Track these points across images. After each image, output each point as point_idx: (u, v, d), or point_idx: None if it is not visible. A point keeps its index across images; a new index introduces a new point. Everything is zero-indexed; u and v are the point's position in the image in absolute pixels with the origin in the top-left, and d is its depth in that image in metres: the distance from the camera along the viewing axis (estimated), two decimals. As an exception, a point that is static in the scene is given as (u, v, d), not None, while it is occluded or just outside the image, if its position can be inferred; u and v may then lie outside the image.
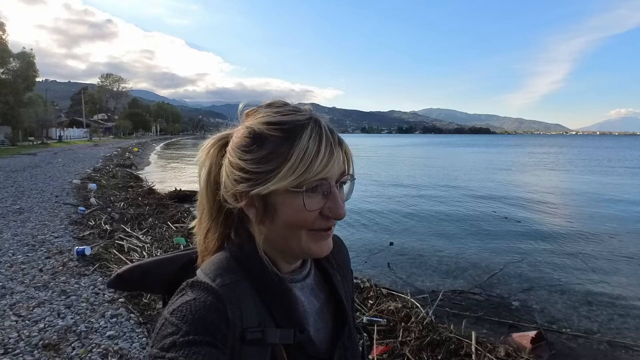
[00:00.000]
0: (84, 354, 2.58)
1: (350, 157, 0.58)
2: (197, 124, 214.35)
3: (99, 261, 4.36)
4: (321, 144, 0.53)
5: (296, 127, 0.53)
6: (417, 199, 11.64)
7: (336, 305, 0.65)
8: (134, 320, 3.05)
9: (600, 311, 4.41)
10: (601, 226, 8.54)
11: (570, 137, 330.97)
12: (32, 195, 8.61)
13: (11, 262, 4.31)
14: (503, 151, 51.03)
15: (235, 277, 0.55)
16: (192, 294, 0.51)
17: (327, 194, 0.54)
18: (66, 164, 16.75)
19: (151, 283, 0.68)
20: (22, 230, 5.66)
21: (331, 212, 0.54)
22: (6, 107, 31.31)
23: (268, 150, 0.53)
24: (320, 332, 0.61)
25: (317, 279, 0.65)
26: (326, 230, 0.56)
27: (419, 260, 6.00)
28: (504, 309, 4.38)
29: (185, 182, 13.48)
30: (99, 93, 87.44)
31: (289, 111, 0.55)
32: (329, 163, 0.53)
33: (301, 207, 0.53)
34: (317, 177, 0.52)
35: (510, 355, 2.95)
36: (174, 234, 6.04)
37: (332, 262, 0.68)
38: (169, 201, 8.87)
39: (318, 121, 0.55)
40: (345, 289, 0.68)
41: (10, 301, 3.35)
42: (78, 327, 2.92)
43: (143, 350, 2.65)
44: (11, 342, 2.70)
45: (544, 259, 6.21)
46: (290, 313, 0.57)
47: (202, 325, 0.48)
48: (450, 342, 3.13)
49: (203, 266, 0.58)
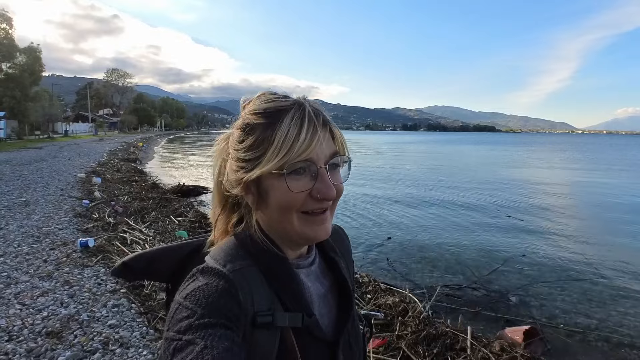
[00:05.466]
0: (86, 341, 2.64)
1: (340, 138, 0.59)
2: (201, 119, 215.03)
3: (102, 253, 4.43)
4: (302, 125, 0.53)
5: (278, 112, 0.55)
6: (417, 195, 11.62)
7: (340, 292, 0.66)
8: (135, 310, 3.12)
9: (599, 308, 4.41)
10: (605, 226, 8.51)
11: (576, 136, 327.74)
12: (38, 188, 8.72)
13: (16, 253, 4.39)
14: (509, 149, 50.70)
15: (244, 263, 0.56)
16: (203, 279, 0.52)
17: (314, 176, 0.55)
18: (72, 158, 16.90)
19: (156, 271, 0.69)
20: (28, 222, 5.75)
21: (319, 193, 0.55)
22: (13, 102, 31.60)
23: (255, 137, 0.55)
24: (325, 317, 0.62)
25: (322, 267, 0.67)
26: (319, 213, 0.57)
27: (419, 256, 6.02)
28: (502, 304, 4.40)
29: (189, 176, 13.57)
30: (105, 88, 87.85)
31: (274, 99, 0.57)
32: (312, 143, 0.53)
33: (286, 189, 0.54)
34: (299, 159, 0.53)
35: (505, 350, 2.97)
36: (177, 227, 6.11)
37: (337, 250, 0.70)
38: (172, 195, 8.94)
39: (302, 105, 0.56)
40: (349, 277, 0.69)
41: (15, 290, 3.42)
42: (80, 316, 2.98)
43: (143, 339, 2.70)
44: (15, 330, 2.77)
45: (544, 256, 6.21)
46: (298, 297, 0.58)
47: (216, 309, 0.49)
48: (446, 336, 3.16)
49: (212, 253, 0.59)
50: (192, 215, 7.04)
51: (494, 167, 22.86)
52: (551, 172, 21.38)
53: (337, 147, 0.58)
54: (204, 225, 6.65)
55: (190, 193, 10.10)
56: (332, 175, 0.57)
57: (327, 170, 0.56)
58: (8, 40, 32.41)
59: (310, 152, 0.53)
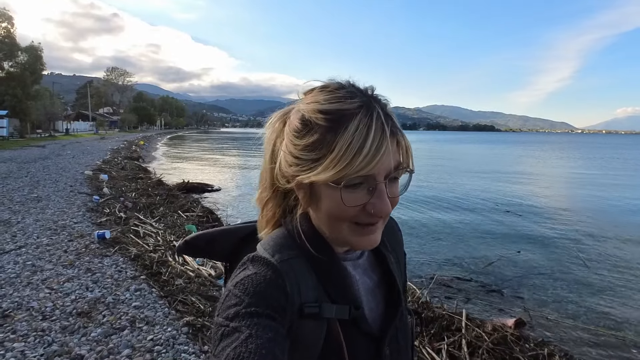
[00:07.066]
0: (114, 320, 2.90)
1: (407, 147, 0.54)
2: (201, 118, 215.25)
3: (118, 244, 4.68)
4: (368, 136, 0.49)
5: (343, 117, 0.51)
6: (416, 191, 11.87)
7: (388, 286, 0.65)
8: (156, 294, 3.37)
9: (589, 299, 4.65)
10: (604, 223, 8.69)
11: (575, 135, 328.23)
12: (47, 185, 8.96)
13: (37, 244, 4.64)
14: (508, 148, 51.01)
15: (293, 254, 0.57)
16: (253, 268, 0.54)
17: (372, 190, 0.52)
18: (75, 155, 17.14)
19: (215, 251, 0.71)
20: (43, 217, 6.00)
21: (374, 208, 0.52)
22: (15, 100, 31.76)
23: (315, 138, 0.52)
24: (373, 311, 0.62)
25: (371, 260, 0.65)
26: (369, 225, 0.55)
27: (418, 249, 6.28)
28: (495, 295, 4.65)
29: (192, 174, 13.82)
30: (105, 87, 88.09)
31: (339, 98, 0.52)
32: (375, 158, 0.50)
33: (339, 201, 0.52)
34: (359, 174, 0.50)
35: (497, 329, 3.24)
36: (185, 221, 6.36)
37: (387, 244, 0.67)
38: (177, 192, 9.20)
39: (371, 109, 0.51)
40: (398, 271, 0.68)
41: (42, 277, 3.67)
42: (106, 299, 3.24)
43: (166, 318, 2.96)
44: (48, 310, 3.03)
45: (541, 251, 6.44)
46: (346, 290, 0.58)
47: (263, 299, 0.50)
48: (443, 318, 3.42)
49: (263, 242, 0.60)
50: (200, 210, 7.30)
51: (494, 165, 23.12)
52: (549, 169, 21.65)
53: (402, 158, 0.54)
54: (211, 220, 6.91)
55: (194, 190, 10.37)
56: (390, 187, 0.54)
57: (387, 185, 0.53)
58: (9, 39, 32.54)
59: (372, 168, 0.50)
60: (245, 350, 0.45)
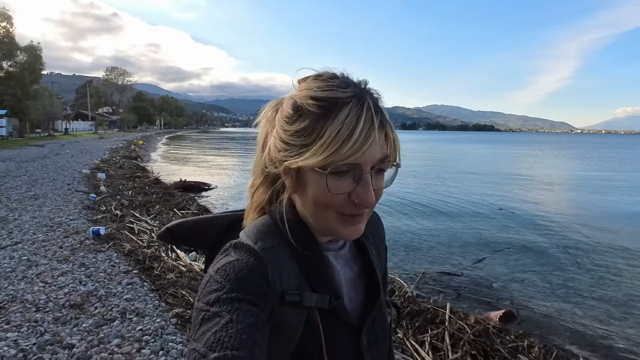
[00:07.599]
0: (105, 311, 2.98)
1: (395, 140, 0.56)
2: (200, 118, 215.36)
3: (112, 240, 4.77)
4: (357, 125, 0.50)
5: (335, 104, 0.52)
6: (411, 187, 11.95)
7: (369, 277, 0.66)
8: (147, 288, 3.46)
9: (577, 297, 4.72)
10: (596, 221, 8.76)
11: (575, 135, 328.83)
12: (45, 183, 9.05)
13: (33, 240, 4.73)
14: (508, 148, 51.12)
15: (275, 242, 0.57)
16: (235, 254, 0.54)
17: (357, 179, 0.53)
18: (74, 155, 17.22)
19: (198, 238, 0.70)
20: (40, 214, 6.08)
21: (358, 197, 0.53)
22: (14, 100, 31.85)
23: (305, 124, 0.53)
24: (352, 302, 0.62)
25: (352, 251, 0.66)
26: (355, 215, 0.55)
27: (409, 244, 6.37)
28: (484, 289, 4.73)
29: (189, 173, 13.90)
30: (104, 86, 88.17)
31: (332, 87, 0.53)
32: (363, 147, 0.50)
33: (325, 188, 0.52)
34: (346, 161, 0.51)
35: (479, 322, 3.32)
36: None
37: (369, 236, 0.68)
38: (174, 190, 9.28)
39: (362, 100, 0.52)
40: (379, 263, 0.69)
41: (36, 271, 3.76)
42: (98, 292, 3.33)
43: (156, 310, 3.05)
44: (41, 302, 3.11)
45: (532, 248, 6.50)
46: (327, 280, 0.59)
47: (245, 285, 0.50)
48: (428, 312, 3.51)
49: (246, 229, 0.60)
50: (195, 208, 7.39)
51: (492, 163, 23.22)
52: (545, 169, 21.74)
53: (389, 150, 0.55)
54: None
55: (191, 189, 10.45)
56: (375, 179, 0.54)
57: (372, 175, 0.53)
58: (9, 39, 32.63)
59: (359, 157, 0.51)
60: (225, 334, 0.45)
